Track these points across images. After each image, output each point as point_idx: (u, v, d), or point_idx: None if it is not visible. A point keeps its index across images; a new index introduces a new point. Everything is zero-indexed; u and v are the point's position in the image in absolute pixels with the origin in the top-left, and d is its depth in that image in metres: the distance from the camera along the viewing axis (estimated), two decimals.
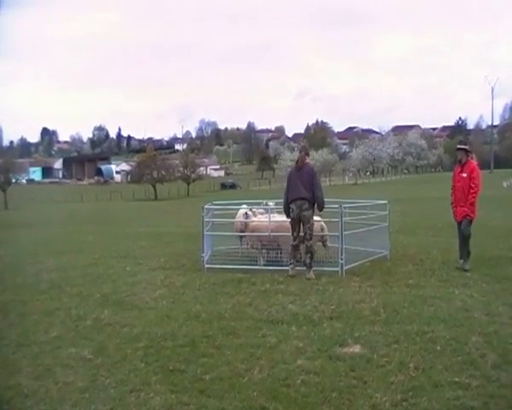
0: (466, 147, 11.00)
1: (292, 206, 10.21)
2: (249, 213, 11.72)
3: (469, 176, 10.49)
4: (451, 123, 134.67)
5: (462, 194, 10.53)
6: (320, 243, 11.25)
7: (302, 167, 10.37)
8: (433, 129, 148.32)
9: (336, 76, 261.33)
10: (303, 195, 10.13)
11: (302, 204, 10.10)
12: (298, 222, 10.25)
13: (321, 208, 10.43)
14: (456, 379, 5.12)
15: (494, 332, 6.42)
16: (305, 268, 10.17)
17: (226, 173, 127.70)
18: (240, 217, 11.92)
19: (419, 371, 5.37)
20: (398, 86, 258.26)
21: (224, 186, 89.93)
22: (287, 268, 10.39)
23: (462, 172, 10.64)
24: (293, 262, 10.30)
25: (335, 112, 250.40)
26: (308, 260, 10.19)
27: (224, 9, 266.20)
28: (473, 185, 10.44)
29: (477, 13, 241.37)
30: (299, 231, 10.30)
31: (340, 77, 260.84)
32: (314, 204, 10.23)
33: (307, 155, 10.68)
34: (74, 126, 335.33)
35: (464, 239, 10.52)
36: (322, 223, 11.17)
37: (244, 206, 12.43)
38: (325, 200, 10.46)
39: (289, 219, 10.37)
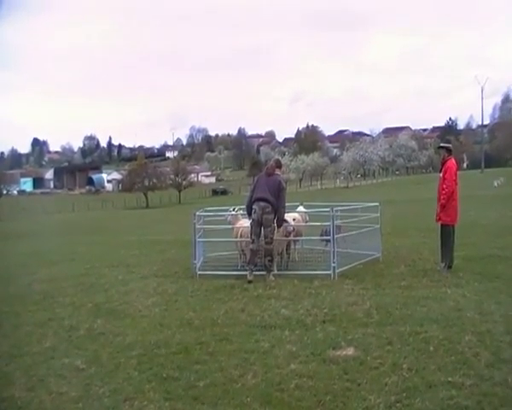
0: (446, 145, 10.71)
1: (255, 206, 10.27)
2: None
3: (443, 176, 10.25)
4: (442, 124, 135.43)
5: (439, 195, 10.32)
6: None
7: (272, 175, 10.53)
8: (424, 130, 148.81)
9: (327, 79, 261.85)
10: (268, 197, 10.22)
11: (265, 207, 10.19)
12: (259, 225, 10.28)
13: (279, 225, 10.46)
14: (450, 379, 5.13)
15: (487, 331, 6.44)
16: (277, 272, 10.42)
17: (217, 180, 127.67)
18: (245, 222, 11.23)
19: (412, 371, 5.37)
20: (389, 88, 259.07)
21: (215, 192, 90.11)
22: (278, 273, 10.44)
23: (441, 171, 10.42)
24: (251, 268, 10.25)
25: (326, 115, 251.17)
26: (268, 263, 10.29)
27: (216, 15, 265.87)
28: (444, 186, 10.14)
29: (467, 13, 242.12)
30: (259, 235, 10.33)
31: (332, 80, 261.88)
32: (276, 212, 10.27)
33: (278, 167, 10.90)
34: (65, 136, 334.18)
35: (446, 245, 10.23)
36: (289, 227, 10.91)
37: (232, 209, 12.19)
38: (317, 203, 10.49)
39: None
